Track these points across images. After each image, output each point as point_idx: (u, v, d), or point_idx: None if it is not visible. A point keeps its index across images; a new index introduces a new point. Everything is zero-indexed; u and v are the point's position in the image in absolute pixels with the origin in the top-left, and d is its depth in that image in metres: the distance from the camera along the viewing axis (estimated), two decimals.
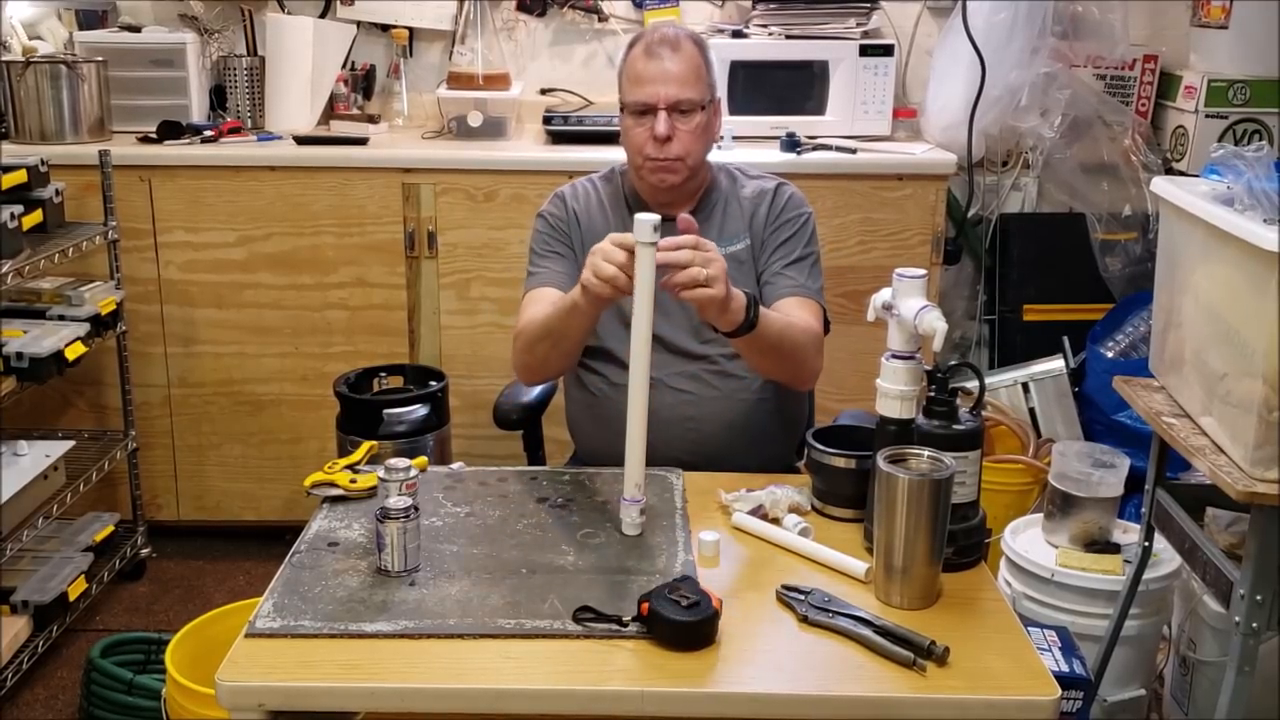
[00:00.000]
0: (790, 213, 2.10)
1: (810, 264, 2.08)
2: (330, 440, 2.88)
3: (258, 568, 3.13)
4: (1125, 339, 3.15)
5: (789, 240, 2.08)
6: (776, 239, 2.08)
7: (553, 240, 2.11)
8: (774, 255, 2.07)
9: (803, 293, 2.04)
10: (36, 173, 2.71)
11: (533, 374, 2.07)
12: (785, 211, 2.09)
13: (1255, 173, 1.68)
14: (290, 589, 1.51)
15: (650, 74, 1.99)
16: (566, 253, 2.10)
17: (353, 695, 1.36)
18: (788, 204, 2.10)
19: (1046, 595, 2.26)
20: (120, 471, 3.06)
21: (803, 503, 1.75)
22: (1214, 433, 1.73)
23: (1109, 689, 2.25)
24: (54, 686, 2.62)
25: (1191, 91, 3.17)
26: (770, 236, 2.08)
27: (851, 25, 3.17)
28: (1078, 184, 3.35)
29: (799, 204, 2.12)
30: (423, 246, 3.04)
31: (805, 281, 2.06)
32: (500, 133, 3.18)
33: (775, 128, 3.13)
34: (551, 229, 2.12)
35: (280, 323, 3.09)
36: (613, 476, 1.79)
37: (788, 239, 2.08)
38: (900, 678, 1.36)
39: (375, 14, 3.38)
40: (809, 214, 2.12)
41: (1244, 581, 1.66)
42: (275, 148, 3.10)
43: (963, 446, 1.55)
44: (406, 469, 1.60)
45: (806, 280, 2.06)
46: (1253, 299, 1.59)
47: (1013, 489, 2.90)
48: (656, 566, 1.57)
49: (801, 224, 2.09)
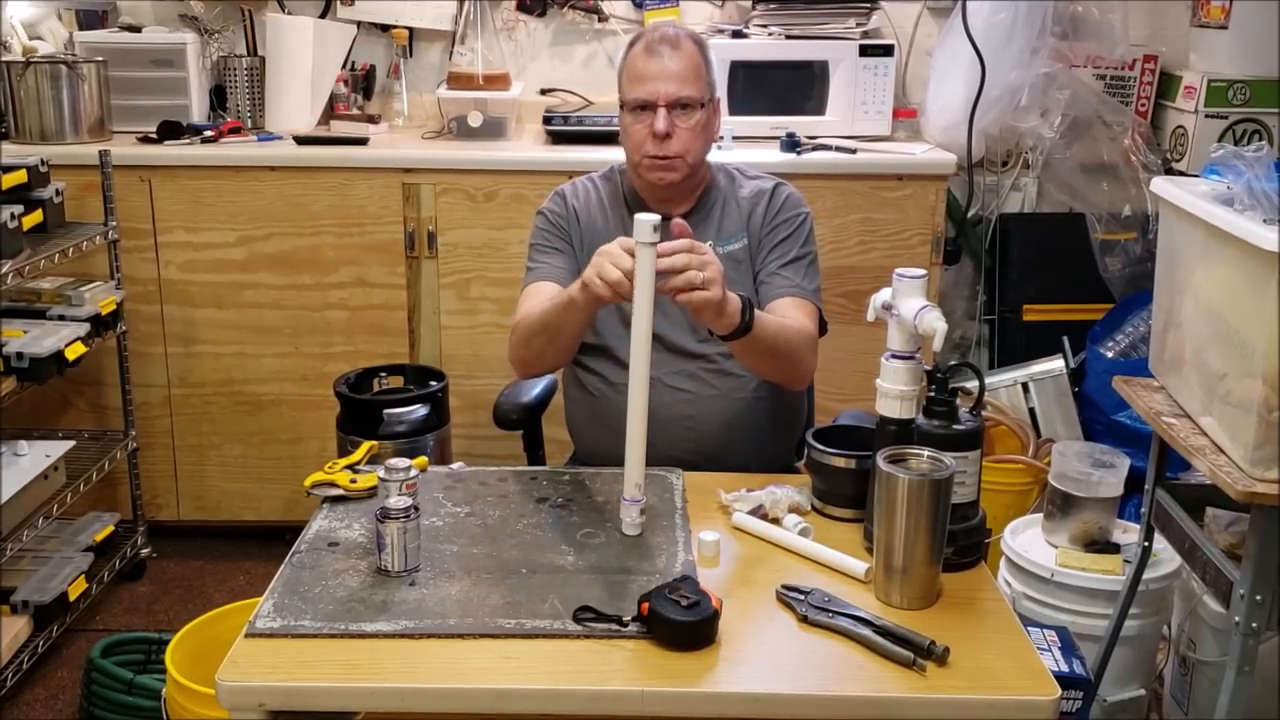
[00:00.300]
0: (788, 212, 2.10)
1: (807, 264, 2.09)
2: (330, 440, 2.88)
3: (258, 568, 3.13)
4: (1125, 339, 3.15)
5: (786, 240, 2.08)
6: (773, 239, 2.08)
7: (552, 236, 2.12)
8: (771, 255, 2.07)
9: (798, 293, 2.05)
10: (36, 173, 2.71)
11: (528, 367, 2.07)
12: (783, 211, 2.10)
13: (1255, 173, 1.68)
14: (290, 589, 1.51)
15: (651, 71, 2.00)
16: (566, 249, 2.10)
17: (353, 695, 1.36)
18: (785, 204, 2.11)
19: (1046, 595, 2.26)
20: (120, 471, 3.06)
21: (803, 503, 1.75)
22: (1214, 433, 1.73)
23: (1109, 689, 2.25)
24: (54, 686, 2.62)
25: (1191, 91, 3.17)
26: (767, 236, 2.08)
27: (851, 25, 3.17)
28: (1078, 184, 3.35)
29: (796, 204, 2.12)
30: (423, 246, 3.04)
31: (801, 282, 2.06)
32: (500, 133, 3.18)
33: (775, 128, 3.13)
34: (551, 225, 2.13)
35: (280, 323, 3.09)
36: (613, 476, 1.79)
37: (784, 239, 2.08)
38: (900, 678, 1.36)
39: (375, 14, 3.38)
40: (806, 214, 2.12)
41: (1244, 581, 1.66)
42: (275, 148, 3.10)
43: (963, 446, 1.56)
44: (406, 469, 1.60)
45: (802, 280, 2.06)
46: (1253, 299, 1.59)
47: (1013, 489, 2.90)
48: (656, 566, 1.58)
49: (799, 224, 2.10)
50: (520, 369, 2.08)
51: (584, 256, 2.08)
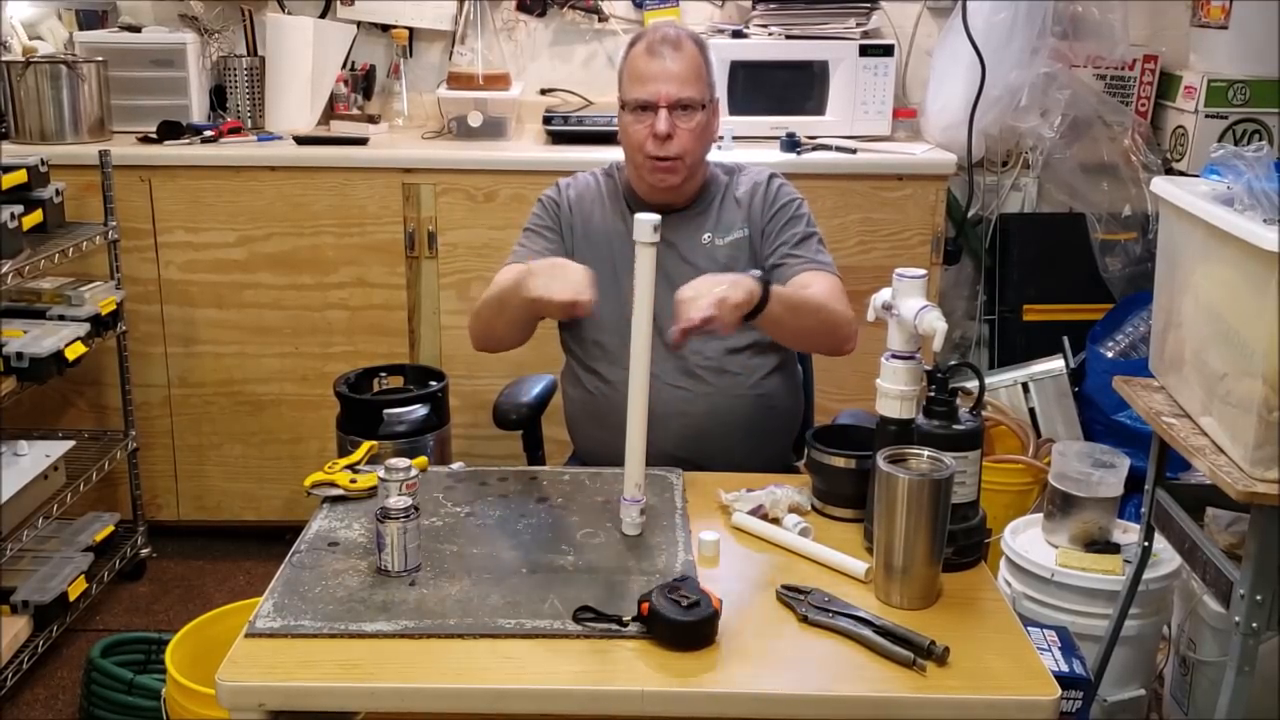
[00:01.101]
0: (785, 198, 2.13)
1: (815, 241, 2.11)
2: (330, 440, 2.88)
3: (258, 568, 3.13)
4: (1125, 339, 3.15)
5: (790, 223, 2.10)
6: (777, 224, 2.10)
7: (543, 225, 2.15)
8: (778, 240, 2.09)
9: (813, 267, 2.06)
10: (36, 173, 2.71)
11: (480, 340, 2.08)
12: (780, 197, 2.12)
13: (1255, 173, 1.68)
14: (290, 589, 1.51)
15: (652, 72, 2.01)
16: (553, 238, 2.13)
17: (353, 695, 1.36)
18: (780, 191, 2.14)
19: (1046, 595, 2.26)
20: (120, 471, 3.06)
21: (803, 503, 1.75)
22: (1214, 433, 1.73)
23: (1109, 689, 2.25)
24: (54, 686, 2.62)
25: (1191, 91, 3.17)
26: (769, 224, 2.10)
27: (851, 25, 3.17)
28: (1078, 184, 3.35)
29: (790, 191, 2.15)
30: (423, 246, 3.04)
31: (814, 256, 2.08)
32: (500, 133, 3.18)
33: (775, 128, 3.13)
34: (544, 212, 2.16)
35: (280, 323, 3.09)
36: (613, 476, 1.79)
37: (788, 221, 2.10)
38: (900, 678, 1.36)
39: (375, 14, 3.38)
40: (801, 199, 2.15)
41: (1244, 581, 1.66)
42: (275, 148, 3.10)
43: (963, 446, 1.56)
44: (406, 469, 1.60)
45: (815, 255, 2.08)
46: (1253, 299, 1.59)
47: (1013, 489, 2.90)
48: (656, 566, 1.58)
49: (797, 207, 2.12)
50: (475, 342, 2.09)
51: (577, 243, 2.12)
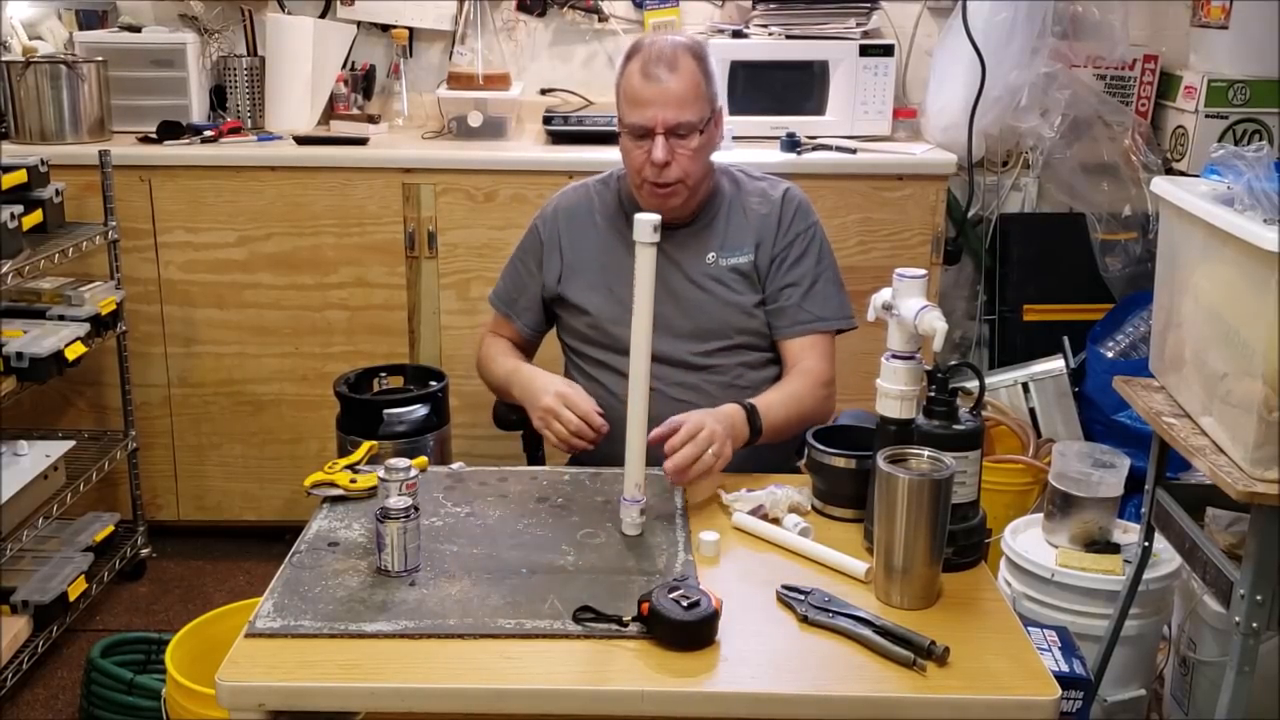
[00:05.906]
0: (800, 225, 2.09)
1: (825, 282, 2.08)
2: (330, 440, 2.88)
3: (258, 568, 3.13)
4: (1125, 339, 3.15)
5: (800, 259, 2.07)
6: (788, 257, 2.07)
7: (525, 255, 2.20)
8: (785, 279, 2.06)
9: (818, 328, 2.06)
10: (36, 173, 2.71)
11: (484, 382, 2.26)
12: (794, 224, 2.08)
13: (1255, 173, 1.68)
14: (290, 589, 1.51)
15: (647, 96, 1.96)
16: (534, 271, 2.18)
17: (353, 695, 1.36)
18: (796, 215, 2.09)
19: (1046, 595, 2.26)
20: (120, 471, 3.06)
21: (803, 503, 1.75)
22: (1214, 433, 1.73)
23: (1109, 689, 2.25)
24: (54, 686, 2.62)
25: (1191, 91, 3.17)
26: (780, 253, 2.07)
27: (851, 25, 3.17)
28: (1078, 184, 3.35)
29: (806, 212, 2.11)
30: (423, 246, 3.04)
31: (820, 312, 2.06)
32: (500, 133, 3.18)
33: (775, 128, 3.13)
34: (529, 241, 2.20)
35: (280, 323, 3.09)
36: (613, 476, 1.79)
37: (800, 256, 2.07)
38: (900, 678, 1.36)
39: (375, 14, 3.38)
40: (816, 222, 2.12)
41: (1244, 581, 1.66)
42: (275, 148, 3.10)
43: (963, 446, 1.56)
44: (406, 469, 1.60)
45: (822, 309, 2.07)
46: (1253, 299, 1.59)
47: (1013, 489, 2.90)
48: (656, 566, 1.58)
49: (811, 236, 2.09)
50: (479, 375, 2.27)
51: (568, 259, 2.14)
